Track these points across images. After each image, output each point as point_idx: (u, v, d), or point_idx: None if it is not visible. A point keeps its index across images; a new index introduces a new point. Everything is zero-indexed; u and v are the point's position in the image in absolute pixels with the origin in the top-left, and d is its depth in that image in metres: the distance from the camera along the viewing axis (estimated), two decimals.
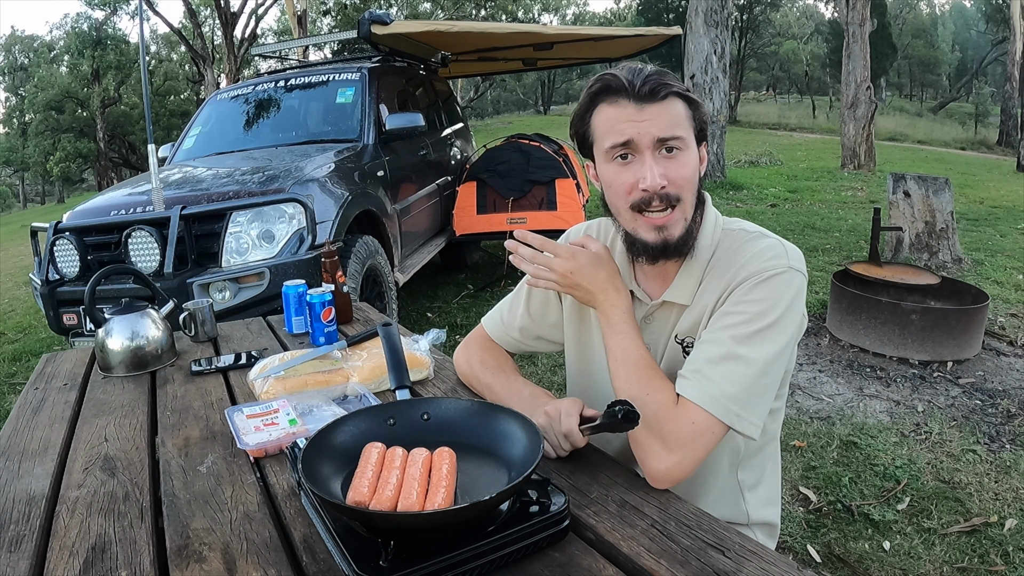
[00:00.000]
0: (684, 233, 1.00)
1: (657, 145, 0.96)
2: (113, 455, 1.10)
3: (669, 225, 0.99)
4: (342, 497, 0.81)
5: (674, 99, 0.97)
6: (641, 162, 0.97)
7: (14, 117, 30.22)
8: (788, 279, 0.98)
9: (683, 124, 0.97)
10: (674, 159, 0.97)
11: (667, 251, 1.00)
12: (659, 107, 0.96)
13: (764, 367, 0.94)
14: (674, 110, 0.97)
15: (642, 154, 0.97)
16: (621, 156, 0.98)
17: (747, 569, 0.75)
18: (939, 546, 1.97)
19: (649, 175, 0.96)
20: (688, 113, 0.98)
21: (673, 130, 0.96)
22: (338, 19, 23.16)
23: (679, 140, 0.97)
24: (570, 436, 0.97)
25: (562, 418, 0.97)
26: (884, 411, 2.83)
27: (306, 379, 1.28)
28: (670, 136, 0.96)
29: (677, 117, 0.97)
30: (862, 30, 10.22)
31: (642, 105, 0.96)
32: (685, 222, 1.00)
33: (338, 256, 1.77)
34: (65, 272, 3.03)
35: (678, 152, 0.97)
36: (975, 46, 35.92)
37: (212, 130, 4.52)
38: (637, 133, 0.96)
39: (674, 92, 0.97)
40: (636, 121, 0.96)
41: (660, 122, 0.95)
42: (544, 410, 1.00)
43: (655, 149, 0.96)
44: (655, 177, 0.95)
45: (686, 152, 0.98)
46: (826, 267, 4.78)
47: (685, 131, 0.98)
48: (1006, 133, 18.45)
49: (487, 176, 4.87)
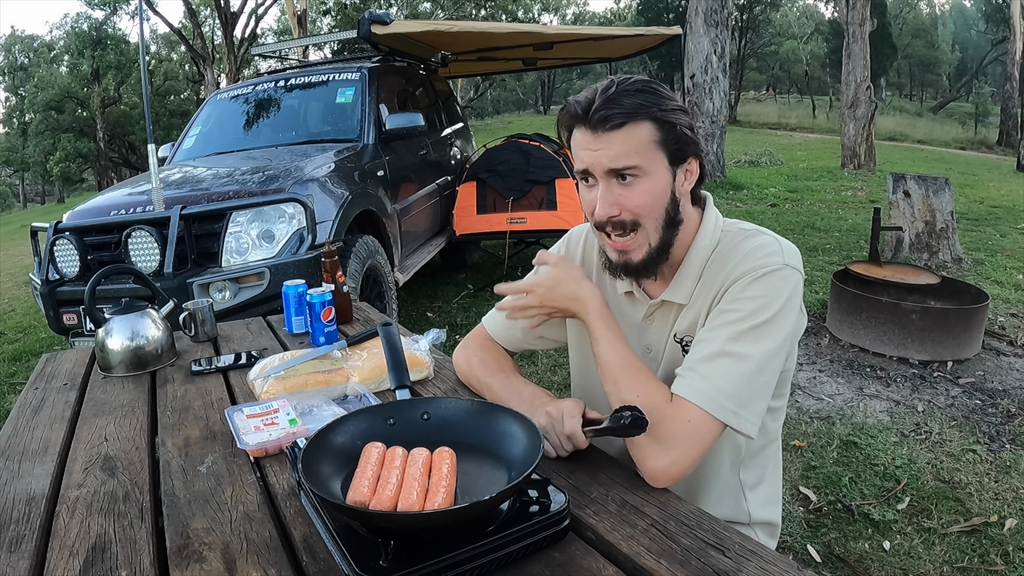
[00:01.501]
0: (646, 258, 1.01)
1: (610, 174, 0.97)
2: (113, 455, 1.10)
3: (629, 250, 1.01)
4: (342, 497, 0.81)
5: (635, 125, 0.94)
6: (597, 189, 0.99)
7: (14, 117, 30.21)
8: (784, 276, 0.98)
9: (642, 150, 0.95)
10: (629, 186, 0.97)
11: (629, 272, 1.03)
12: (612, 136, 0.95)
13: (759, 364, 0.94)
14: (632, 137, 0.95)
15: (598, 182, 0.99)
16: (584, 179, 1.01)
17: (747, 569, 0.75)
18: (939, 546, 1.97)
19: (599, 204, 0.98)
20: (655, 137, 0.95)
21: (626, 159, 0.95)
22: (338, 19, 23.16)
23: (634, 169, 0.96)
24: (573, 438, 0.97)
25: (564, 419, 0.97)
26: (884, 411, 2.83)
27: (306, 379, 1.28)
28: (622, 167, 0.96)
29: (636, 144, 0.95)
30: (862, 30, 10.22)
31: (597, 134, 0.96)
32: (648, 247, 1.00)
33: (338, 256, 1.77)
34: (65, 272, 3.03)
35: (634, 179, 0.97)
36: (975, 46, 35.92)
37: (212, 130, 4.52)
38: (592, 163, 0.97)
39: (637, 119, 0.94)
40: (592, 150, 0.97)
41: (612, 151, 0.95)
42: (546, 410, 1.00)
43: (608, 177, 0.97)
44: (603, 206, 0.98)
45: (645, 178, 0.97)
46: (826, 267, 4.78)
47: (644, 158, 0.95)
48: (1006, 133, 18.45)
49: (487, 176, 4.87)
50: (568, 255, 1.21)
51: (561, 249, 1.23)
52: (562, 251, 1.23)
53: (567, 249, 1.22)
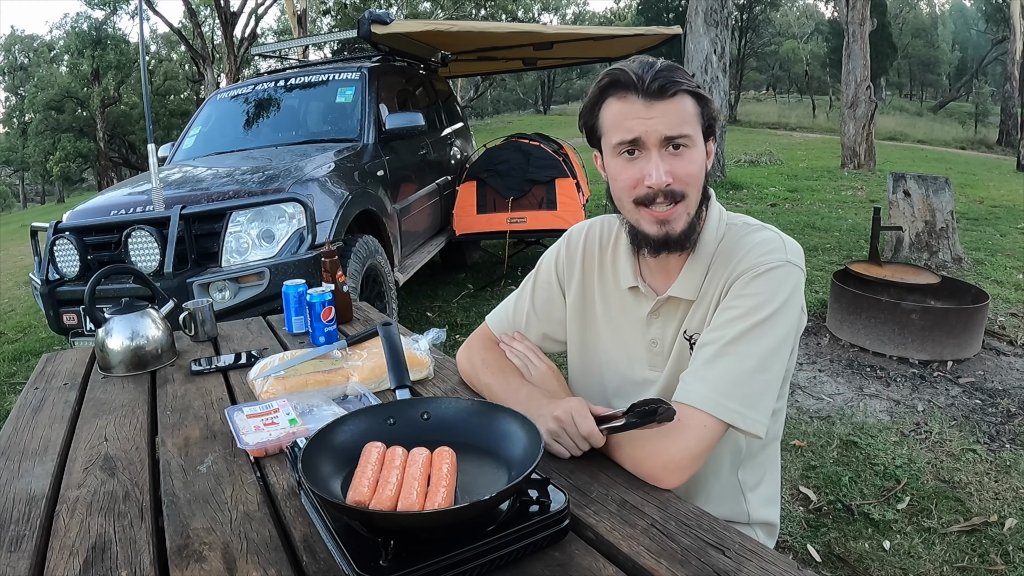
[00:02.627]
0: (686, 228, 1.00)
1: (664, 143, 0.96)
2: (113, 455, 1.10)
3: (672, 219, 0.99)
4: (342, 497, 0.81)
5: (683, 96, 0.97)
6: (648, 159, 0.97)
7: (14, 117, 30.20)
8: (785, 273, 0.97)
9: (691, 121, 0.97)
10: (680, 156, 0.97)
11: (668, 244, 1.00)
12: (668, 104, 0.96)
13: (761, 362, 0.94)
14: (683, 107, 0.97)
15: (649, 151, 0.97)
16: (628, 151, 0.99)
17: (747, 569, 0.75)
18: (939, 546, 1.97)
19: (655, 173, 0.96)
20: (697, 110, 0.98)
21: (681, 128, 0.96)
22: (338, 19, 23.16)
23: (687, 138, 0.97)
24: (591, 438, 0.95)
25: (577, 420, 0.95)
26: (884, 411, 2.83)
27: (306, 379, 1.28)
28: (678, 134, 0.96)
29: (685, 115, 0.97)
30: (862, 29, 10.21)
31: (651, 102, 0.96)
32: (688, 217, 1.00)
33: (338, 256, 1.77)
34: (65, 272, 3.03)
35: (685, 149, 0.97)
36: (975, 46, 35.89)
37: (212, 130, 4.52)
38: (645, 131, 0.96)
39: (684, 89, 0.96)
40: (644, 118, 0.96)
41: (668, 120, 0.95)
42: (554, 415, 0.97)
43: (662, 147, 0.97)
44: (660, 175, 0.96)
45: (693, 149, 0.98)
46: (826, 266, 4.78)
47: (693, 128, 0.97)
48: (1006, 133, 18.44)
49: (487, 176, 4.87)
50: (568, 253, 1.21)
51: (561, 248, 1.23)
52: (562, 250, 1.22)
53: (567, 248, 1.22)
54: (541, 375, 1.15)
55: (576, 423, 0.95)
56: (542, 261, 1.26)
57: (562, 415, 0.97)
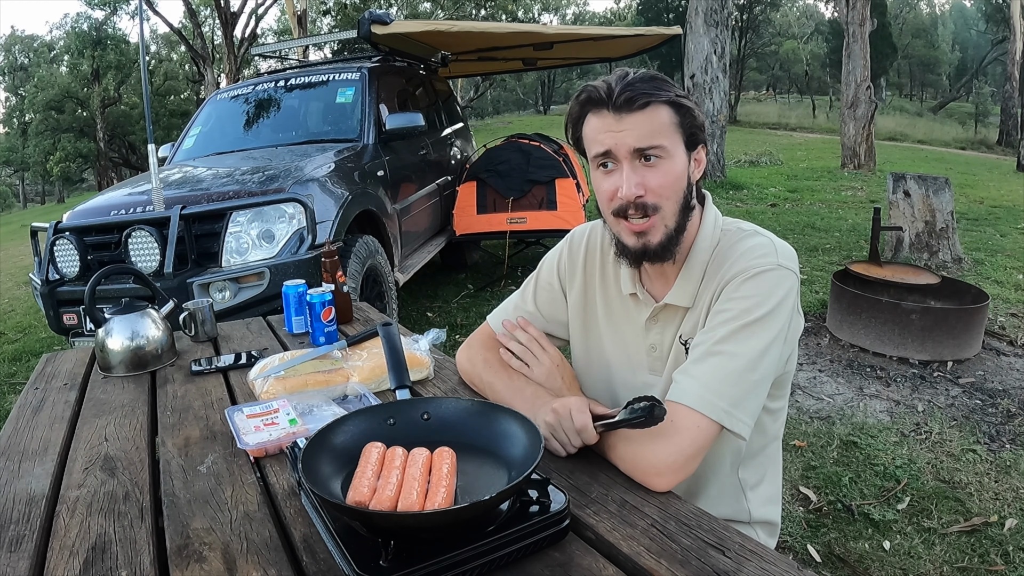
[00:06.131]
0: (664, 239, 1.01)
1: (635, 155, 0.97)
2: (113, 455, 1.10)
3: (648, 231, 1.00)
4: (342, 497, 0.81)
5: (657, 107, 0.97)
6: (620, 171, 0.99)
7: (14, 117, 30.21)
8: (776, 276, 0.98)
9: (665, 132, 0.97)
10: (653, 167, 0.98)
11: (647, 256, 1.02)
12: (638, 116, 0.96)
13: (750, 362, 0.94)
14: (655, 118, 0.97)
15: (620, 163, 0.98)
16: (603, 164, 1.01)
17: (747, 569, 0.75)
18: (939, 546, 1.97)
19: (625, 185, 0.98)
20: (674, 120, 0.98)
21: (652, 139, 0.96)
22: (338, 19, 23.15)
23: (659, 148, 0.97)
24: (584, 432, 0.95)
25: (573, 415, 0.96)
26: (884, 411, 2.83)
27: (306, 379, 1.28)
28: (648, 145, 0.97)
29: (658, 125, 0.97)
30: (862, 30, 10.22)
31: (620, 115, 0.96)
32: (666, 229, 1.01)
33: (338, 256, 1.77)
34: (65, 272, 3.03)
35: (658, 160, 0.98)
36: (975, 46, 35.91)
37: (212, 130, 4.52)
38: (615, 143, 0.97)
39: (658, 100, 0.96)
40: (614, 131, 0.97)
41: (638, 132, 0.96)
42: (552, 407, 0.99)
43: (633, 159, 0.98)
44: (630, 187, 0.97)
45: (668, 160, 0.98)
46: (826, 267, 4.78)
47: (667, 139, 0.97)
48: (1006, 133, 18.45)
49: (487, 176, 4.87)
50: (571, 256, 1.22)
51: (563, 250, 1.23)
52: (564, 252, 1.23)
53: (569, 250, 1.22)
54: (546, 372, 1.14)
55: (572, 417, 0.96)
56: (544, 263, 1.26)
57: (559, 408, 0.98)
